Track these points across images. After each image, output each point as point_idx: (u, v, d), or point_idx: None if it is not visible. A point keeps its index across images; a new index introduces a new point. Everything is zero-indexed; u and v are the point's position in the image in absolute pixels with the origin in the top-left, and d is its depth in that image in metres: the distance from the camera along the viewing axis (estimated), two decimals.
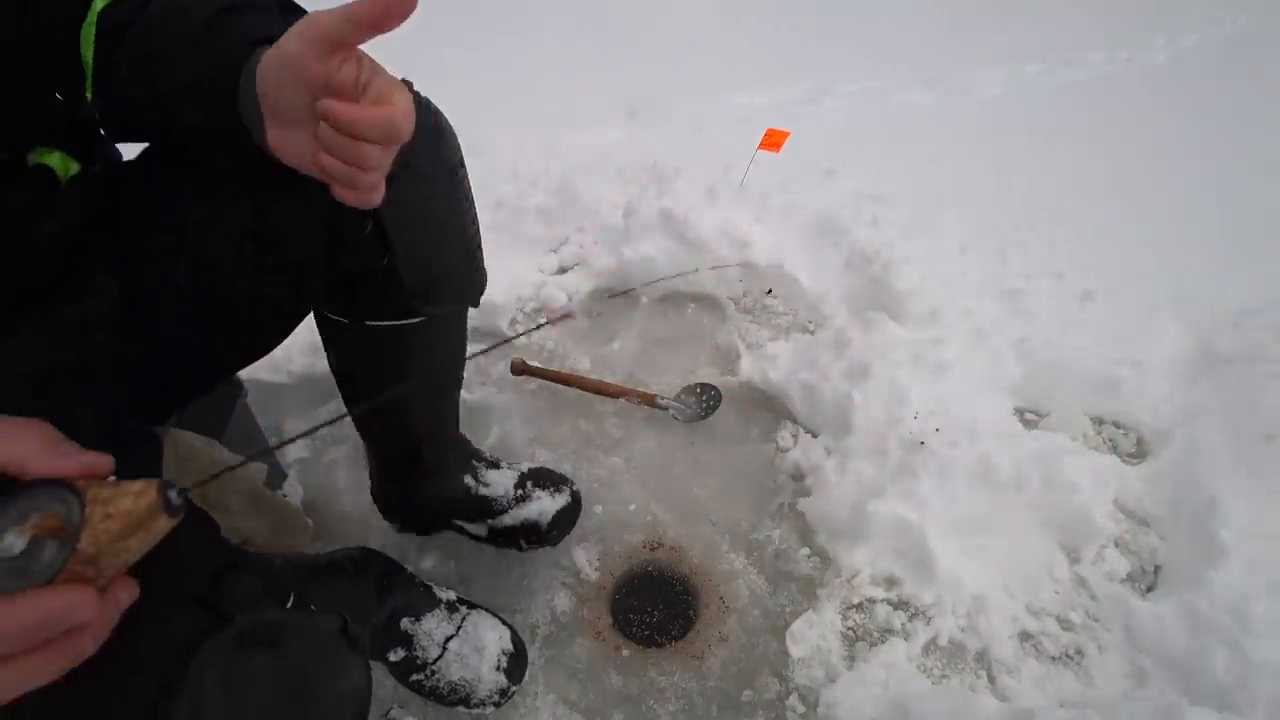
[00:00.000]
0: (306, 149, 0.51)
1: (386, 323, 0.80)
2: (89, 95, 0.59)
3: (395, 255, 0.71)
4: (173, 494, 0.37)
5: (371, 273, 0.73)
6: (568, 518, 1.14)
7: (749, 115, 2.19)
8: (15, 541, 0.33)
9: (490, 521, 1.09)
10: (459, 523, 1.11)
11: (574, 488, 1.16)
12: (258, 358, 0.76)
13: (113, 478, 0.39)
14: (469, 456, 1.10)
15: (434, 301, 0.79)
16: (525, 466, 1.15)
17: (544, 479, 1.14)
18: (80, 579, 0.35)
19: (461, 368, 0.99)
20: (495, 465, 1.12)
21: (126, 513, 0.35)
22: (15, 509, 0.34)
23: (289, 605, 0.56)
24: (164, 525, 0.37)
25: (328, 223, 0.66)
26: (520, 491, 1.11)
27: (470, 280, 0.85)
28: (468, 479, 1.08)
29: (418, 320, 0.81)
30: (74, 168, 0.60)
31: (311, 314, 0.83)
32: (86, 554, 0.34)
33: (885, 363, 1.29)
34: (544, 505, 1.11)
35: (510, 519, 1.09)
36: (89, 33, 0.57)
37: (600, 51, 2.60)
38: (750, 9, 3.10)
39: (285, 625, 0.51)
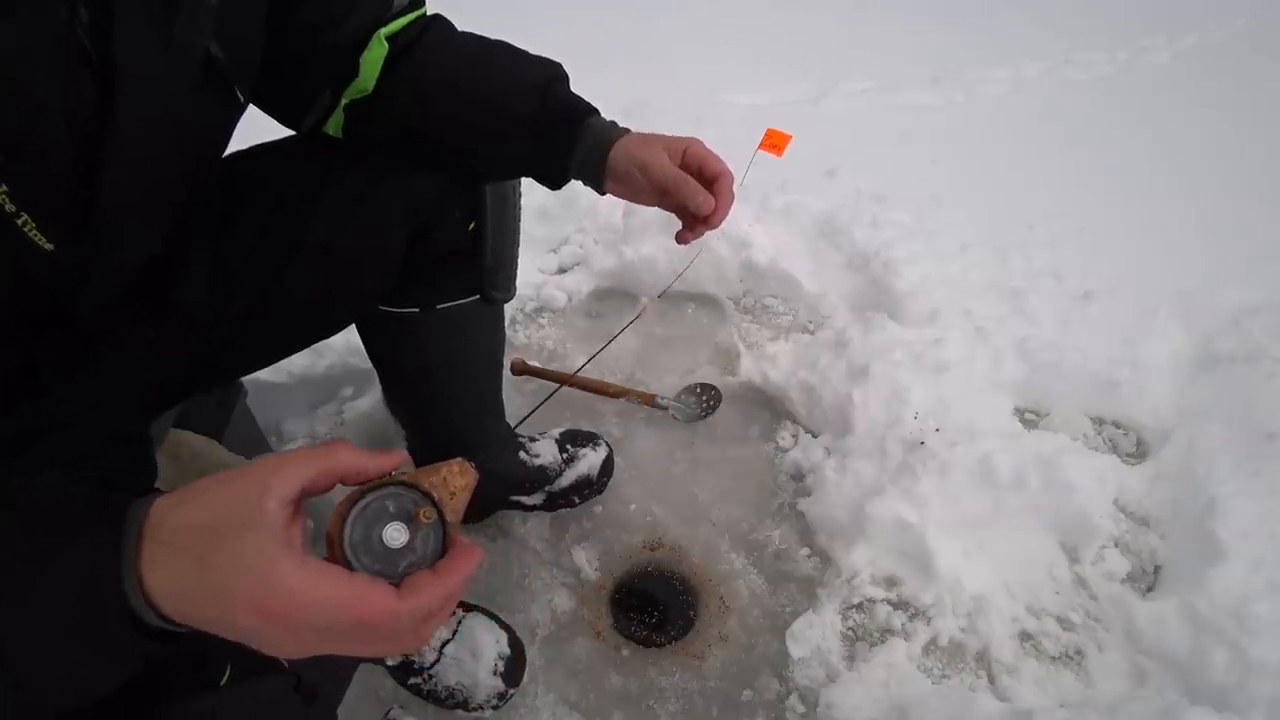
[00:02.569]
0: (642, 201, 0.75)
1: (454, 303, 0.85)
2: (343, 103, 0.69)
3: (485, 232, 0.81)
4: (473, 464, 0.45)
5: (450, 254, 0.80)
6: (609, 466, 1.23)
7: (749, 115, 2.19)
8: (399, 534, 0.39)
9: (549, 488, 1.18)
10: (516, 498, 1.18)
11: (602, 439, 1.25)
12: (302, 348, 0.81)
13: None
14: (514, 436, 1.17)
15: (495, 286, 0.87)
16: (555, 432, 1.23)
17: (578, 438, 1.23)
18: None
19: (503, 354, 1.06)
20: (534, 439, 1.20)
21: (464, 487, 0.43)
22: (387, 512, 0.39)
23: (224, 680, 0.53)
24: (474, 484, 0.45)
25: (417, 207, 0.74)
26: (566, 454, 1.20)
27: (515, 271, 0.91)
28: (521, 454, 1.16)
29: (477, 299, 0.87)
30: None
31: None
32: (452, 525, 0.41)
33: (885, 363, 1.29)
34: (590, 459, 1.21)
35: (566, 480, 1.18)
36: (376, 56, 0.66)
37: (600, 51, 2.60)
38: (750, 9, 3.10)
39: (209, 716, 0.49)
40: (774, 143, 1.60)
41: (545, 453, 1.18)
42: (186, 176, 0.56)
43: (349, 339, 1.37)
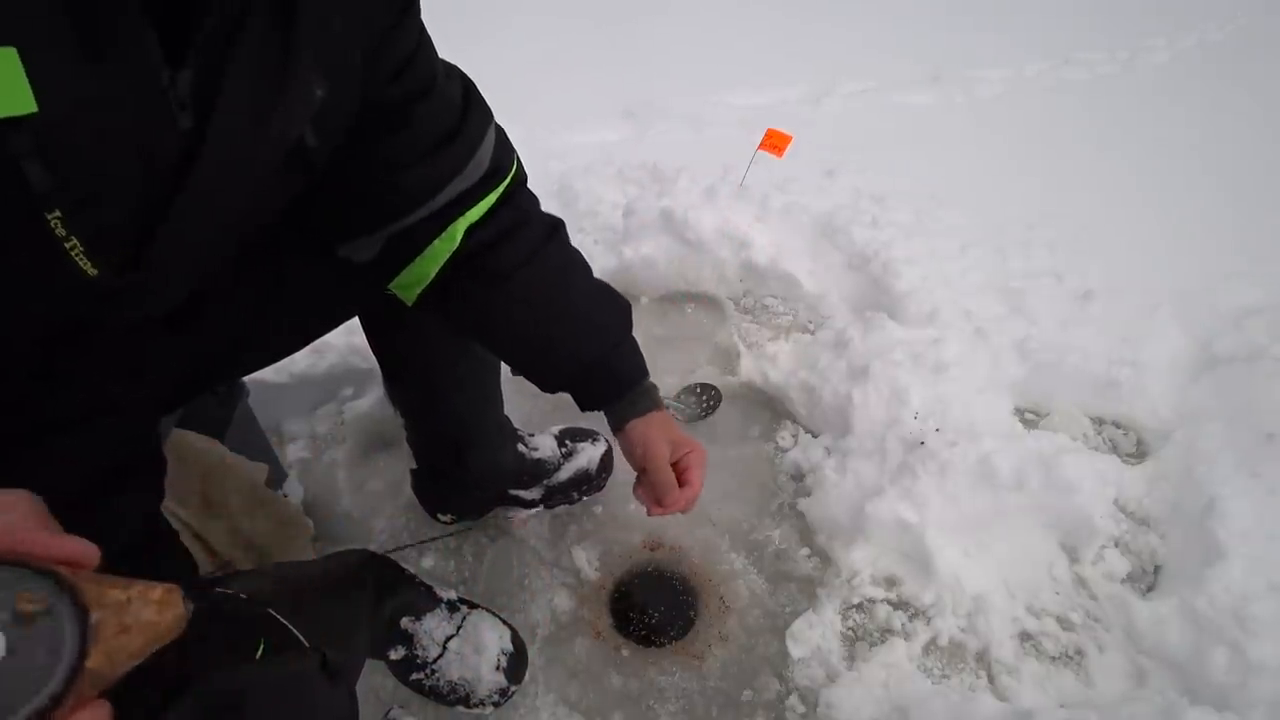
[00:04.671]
0: (628, 461, 0.84)
1: None
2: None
3: None
4: (187, 598, 0.30)
5: None
6: (608, 462, 1.23)
7: (749, 115, 2.19)
8: None
9: (547, 482, 1.18)
10: (514, 493, 1.18)
11: (601, 435, 1.24)
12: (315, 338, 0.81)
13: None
14: (512, 428, 1.17)
15: None
16: (554, 429, 1.23)
17: (577, 434, 1.24)
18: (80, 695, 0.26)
19: None
20: (532, 434, 1.20)
21: (149, 625, 0.28)
22: None
23: (259, 653, 0.54)
24: (178, 630, 0.29)
25: None
26: (564, 449, 1.20)
27: None
28: (520, 447, 1.16)
29: None
30: None
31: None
32: (99, 674, 0.26)
33: (885, 363, 1.29)
34: (589, 453, 1.21)
35: (564, 474, 1.19)
36: (443, 250, 0.67)
37: (600, 51, 2.60)
38: (750, 8, 3.10)
39: (247, 688, 0.50)
40: (774, 143, 1.61)
41: (544, 446, 1.18)
42: (243, 236, 0.57)
43: (349, 339, 1.37)
